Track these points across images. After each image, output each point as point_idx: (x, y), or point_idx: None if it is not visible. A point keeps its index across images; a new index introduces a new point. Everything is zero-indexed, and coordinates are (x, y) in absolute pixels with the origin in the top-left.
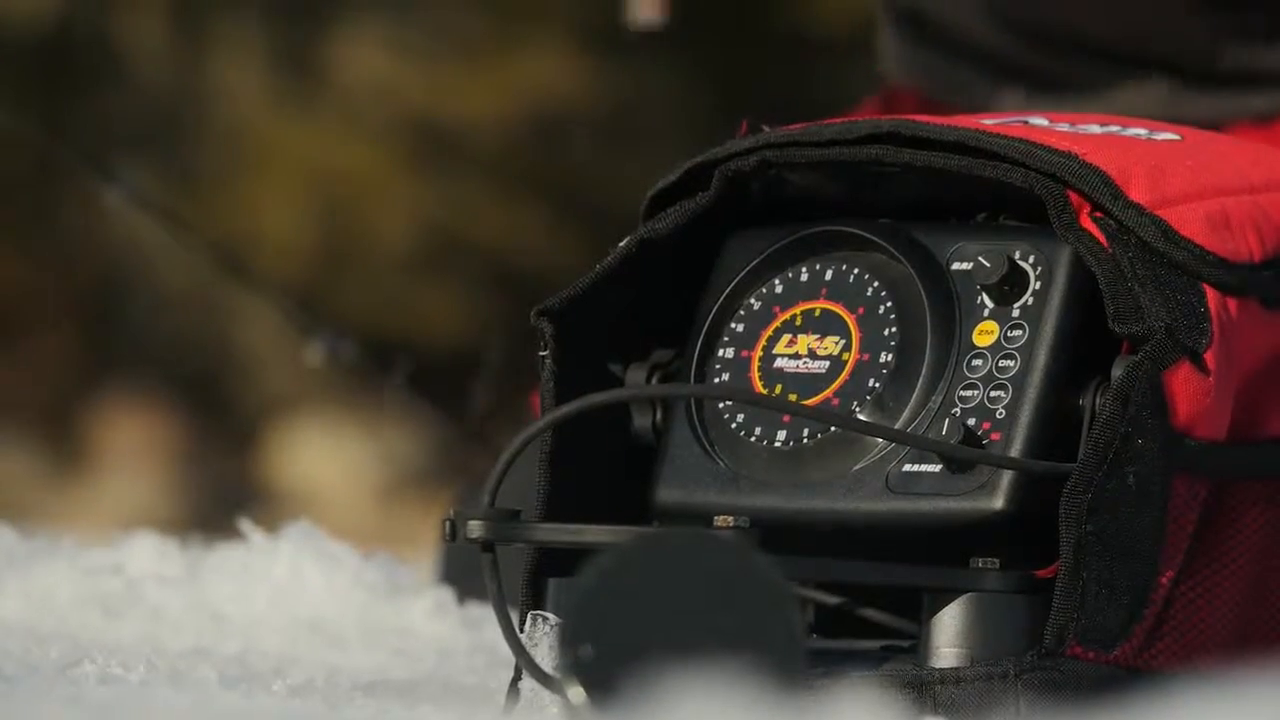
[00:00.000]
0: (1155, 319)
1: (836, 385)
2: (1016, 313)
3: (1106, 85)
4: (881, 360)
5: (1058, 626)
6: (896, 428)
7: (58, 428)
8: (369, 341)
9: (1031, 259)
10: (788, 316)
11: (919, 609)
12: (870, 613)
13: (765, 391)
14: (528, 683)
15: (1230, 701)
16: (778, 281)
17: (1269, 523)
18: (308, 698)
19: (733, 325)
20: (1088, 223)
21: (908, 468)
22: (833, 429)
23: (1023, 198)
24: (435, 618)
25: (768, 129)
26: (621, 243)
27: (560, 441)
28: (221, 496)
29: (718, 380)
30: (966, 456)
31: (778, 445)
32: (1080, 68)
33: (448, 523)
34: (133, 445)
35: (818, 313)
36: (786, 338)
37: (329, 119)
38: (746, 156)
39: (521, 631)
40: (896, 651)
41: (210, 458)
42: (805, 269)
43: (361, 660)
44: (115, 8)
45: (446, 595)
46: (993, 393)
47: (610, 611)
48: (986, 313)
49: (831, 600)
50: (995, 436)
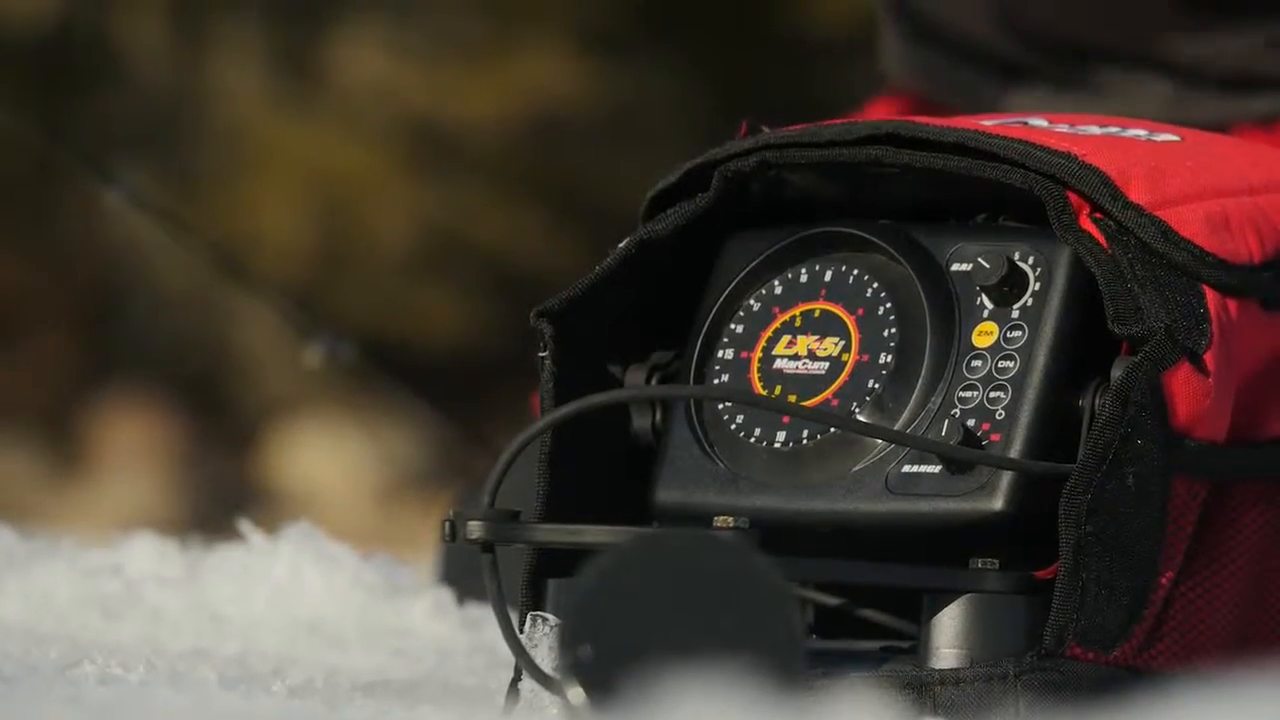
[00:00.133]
0: (1155, 320)
1: (836, 386)
2: (1016, 314)
3: (1109, 88)
4: (881, 361)
5: (1057, 627)
6: (896, 429)
7: (57, 428)
8: (368, 343)
9: (1031, 260)
10: (787, 317)
11: (919, 610)
12: (870, 613)
13: (765, 393)
14: (527, 683)
15: (1230, 702)
16: (777, 282)
17: (1269, 523)
18: (307, 698)
19: (732, 326)
20: (1087, 224)
21: (907, 469)
22: (832, 430)
23: (1022, 199)
24: (435, 618)
25: (767, 130)
26: (621, 244)
27: (560, 442)
28: (221, 497)
29: (717, 381)
30: (966, 457)
31: (777, 446)
32: (1083, 70)
33: (447, 523)
34: (132, 446)
35: (817, 314)
36: (786, 339)
37: (328, 120)
38: (746, 157)
39: (521, 632)
40: (896, 652)
41: (210, 459)
42: (805, 270)
43: (361, 661)
44: (115, 8)
45: (446, 596)
46: (992, 394)
47: (610, 612)
48: (986, 314)
49: (831, 601)
50: (995, 437)
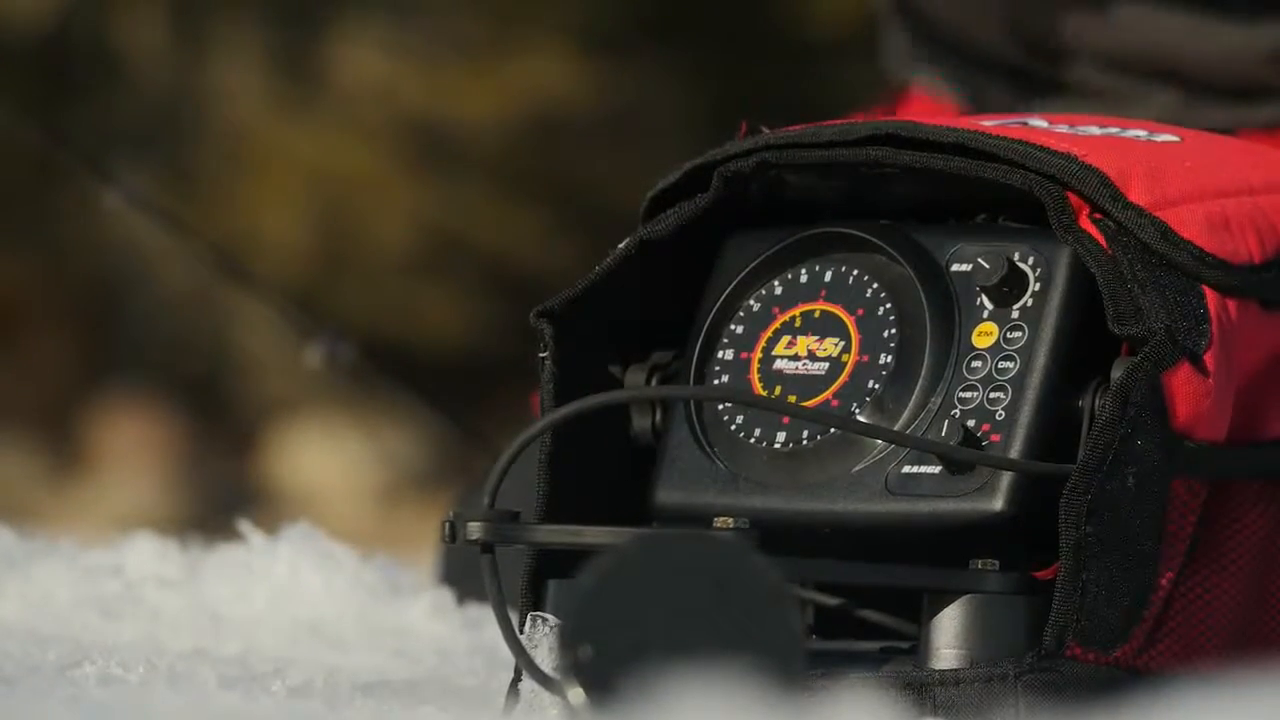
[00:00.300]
0: (1155, 320)
1: (836, 387)
2: (1016, 314)
3: (1116, 94)
4: (881, 362)
5: (1057, 628)
6: (896, 429)
7: (57, 428)
8: (368, 343)
9: (1031, 260)
10: (787, 318)
11: (919, 610)
12: (870, 614)
13: (765, 393)
14: (527, 684)
15: (1230, 702)
16: (777, 283)
17: (1269, 523)
18: (307, 698)
19: (732, 327)
20: (1087, 224)
21: (907, 469)
22: (832, 431)
23: (1022, 199)
24: (435, 619)
25: (767, 130)
26: (621, 244)
27: (560, 443)
28: (221, 498)
29: (717, 382)
30: (966, 458)
31: (777, 447)
32: (1089, 77)
33: (447, 524)
34: (132, 446)
35: (817, 314)
36: (786, 339)
37: (328, 121)
38: (746, 158)
39: (521, 633)
40: (896, 653)
41: (209, 459)
42: (805, 270)
43: (361, 661)
44: (115, 9)
45: (446, 596)
46: (992, 394)
47: (610, 612)
48: (986, 314)
49: (831, 601)
50: (995, 438)
